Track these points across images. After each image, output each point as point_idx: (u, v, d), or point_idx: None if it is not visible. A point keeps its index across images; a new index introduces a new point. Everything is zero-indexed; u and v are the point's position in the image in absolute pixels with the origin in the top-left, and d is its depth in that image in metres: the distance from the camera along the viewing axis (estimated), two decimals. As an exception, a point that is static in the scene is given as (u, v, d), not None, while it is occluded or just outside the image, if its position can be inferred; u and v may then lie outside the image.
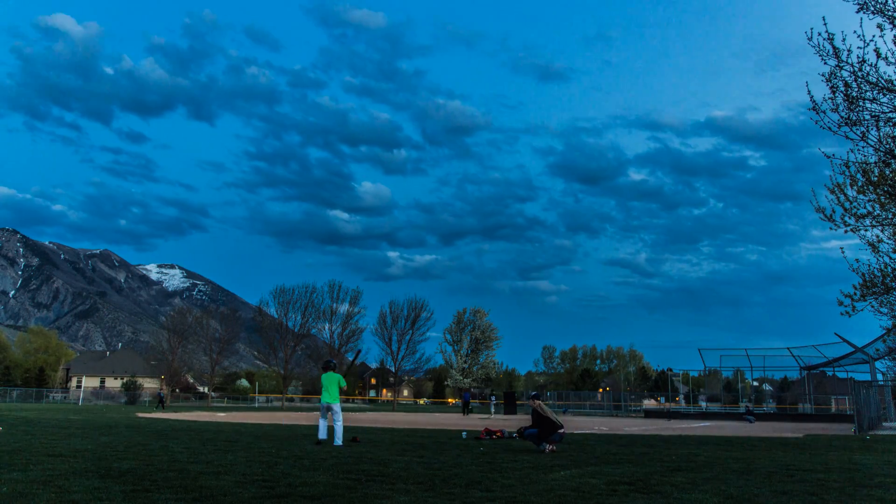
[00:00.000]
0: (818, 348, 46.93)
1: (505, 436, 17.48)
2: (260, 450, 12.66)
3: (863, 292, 13.07)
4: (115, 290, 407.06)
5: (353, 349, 70.94)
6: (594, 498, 7.37)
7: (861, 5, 10.30)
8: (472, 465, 10.65)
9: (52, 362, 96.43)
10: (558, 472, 9.82)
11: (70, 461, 10.02)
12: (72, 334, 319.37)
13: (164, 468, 9.31)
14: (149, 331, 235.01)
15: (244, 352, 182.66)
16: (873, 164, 11.63)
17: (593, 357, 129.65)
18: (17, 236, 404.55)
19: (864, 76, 10.28)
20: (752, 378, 77.81)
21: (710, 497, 7.50)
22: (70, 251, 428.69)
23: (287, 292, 70.40)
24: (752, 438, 19.95)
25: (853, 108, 10.64)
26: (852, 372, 46.55)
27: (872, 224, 12.29)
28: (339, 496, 7.16)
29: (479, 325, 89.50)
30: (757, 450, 14.95)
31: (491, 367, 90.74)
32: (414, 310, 73.42)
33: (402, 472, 9.42)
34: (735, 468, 10.72)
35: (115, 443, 13.89)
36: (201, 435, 17.13)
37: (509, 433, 17.68)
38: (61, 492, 7.01)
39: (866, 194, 12.00)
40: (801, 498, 7.62)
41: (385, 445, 14.47)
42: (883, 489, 8.50)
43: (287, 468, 9.64)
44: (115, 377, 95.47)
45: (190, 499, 6.81)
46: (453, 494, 7.43)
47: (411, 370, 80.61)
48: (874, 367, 40.48)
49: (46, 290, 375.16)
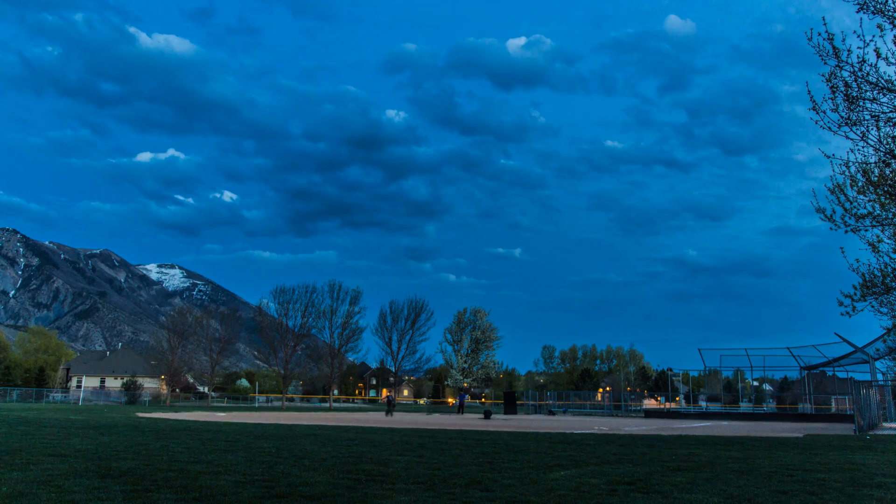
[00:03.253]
0: (818, 348, 46.91)
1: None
2: (260, 450, 12.66)
3: (863, 292, 13.06)
4: (115, 290, 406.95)
5: (353, 349, 71.32)
6: (594, 498, 7.37)
7: (861, 5, 10.29)
8: (472, 465, 10.65)
9: (52, 362, 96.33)
10: (558, 472, 9.81)
11: (70, 461, 10.02)
12: (72, 334, 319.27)
13: (164, 468, 9.30)
14: (149, 331, 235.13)
15: (244, 352, 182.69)
16: (873, 164, 11.62)
17: (593, 357, 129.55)
18: (17, 236, 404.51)
19: (864, 76, 10.27)
20: (752, 378, 77.84)
21: (710, 497, 7.50)
22: (70, 251, 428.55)
23: (287, 292, 70.47)
24: (752, 438, 19.94)
25: (853, 108, 10.64)
26: (852, 372, 46.59)
27: (872, 224, 12.28)
28: (339, 496, 7.16)
29: (480, 325, 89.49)
30: (757, 450, 14.94)
31: (491, 367, 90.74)
32: (414, 310, 73.50)
33: (403, 471, 9.42)
34: (735, 468, 10.72)
35: (115, 443, 13.89)
36: (201, 435, 17.12)
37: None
38: (61, 492, 7.01)
39: (866, 194, 11.99)
40: (801, 498, 7.61)
41: (385, 445, 14.47)
42: (883, 489, 8.50)
43: (287, 468, 9.64)
44: (115, 377, 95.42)
45: (190, 499, 6.81)
46: (453, 494, 7.43)
47: (411, 370, 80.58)
48: (874, 367, 40.48)
49: (46, 290, 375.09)
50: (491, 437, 18.60)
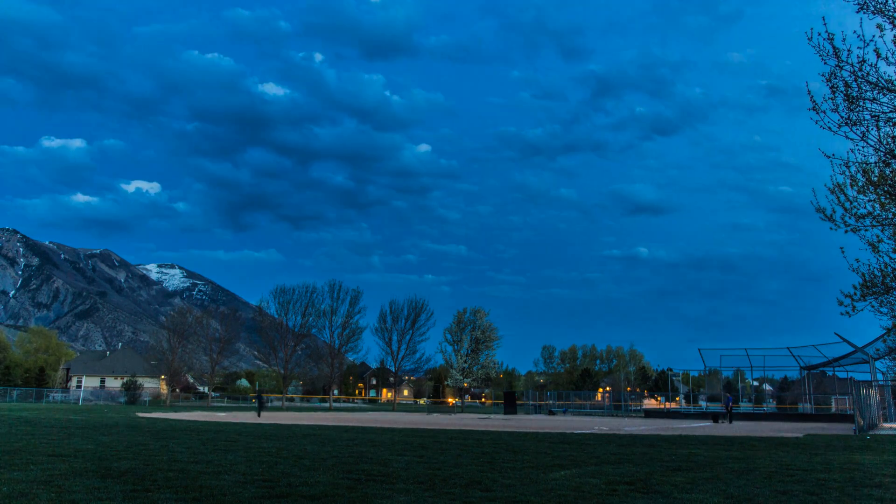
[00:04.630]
0: (818, 348, 46.89)
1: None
2: (260, 450, 12.66)
3: (863, 292, 13.05)
4: (115, 290, 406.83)
5: (353, 349, 71.35)
6: (594, 498, 7.36)
7: (861, 5, 10.29)
8: (472, 464, 10.65)
9: (52, 362, 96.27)
10: (558, 472, 9.81)
11: (70, 461, 10.02)
12: (72, 334, 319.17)
13: (164, 468, 9.30)
14: (149, 331, 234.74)
15: (244, 352, 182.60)
16: (873, 164, 11.62)
17: (593, 357, 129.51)
18: (17, 236, 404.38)
19: (864, 76, 10.27)
20: (752, 378, 77.84)
21: (710, 497, 7.50)
22: (70, 251, 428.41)
23: (287, 292, 70.55)
24: (752, 438, 19.94)
25: (853, 108, 10.64)
26: (852, 372, 46.57)
27: (872, 224, 12.28)
28: (339, 496, 7.16)
29: (480, 325, 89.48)
30: (757, 450, 14.94)
31: (491, 367, 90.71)
32: (414, 310, 73.45)
33: (402, 471, 9.42)
34: (735, 468, 10.72)
35: (115, 443, 13.89)
36: (201, 435, 17.12)
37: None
38: (61, 492, 7.01)
39: (866, 194, 11.98)
40: (801, 498, 7.61)
41: (385, 445, 14.47)
42: (883, 489, 8.50)
43: (287, 468, 9.64)
44: (115, 377, 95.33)
45: (190, 499, 6.81)
46: (453, 494, 7.43)
47: (411, 370, 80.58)
48: (874, 366, 40.46)
49: (46, 290, 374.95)
50: (491, 437, 18.60)
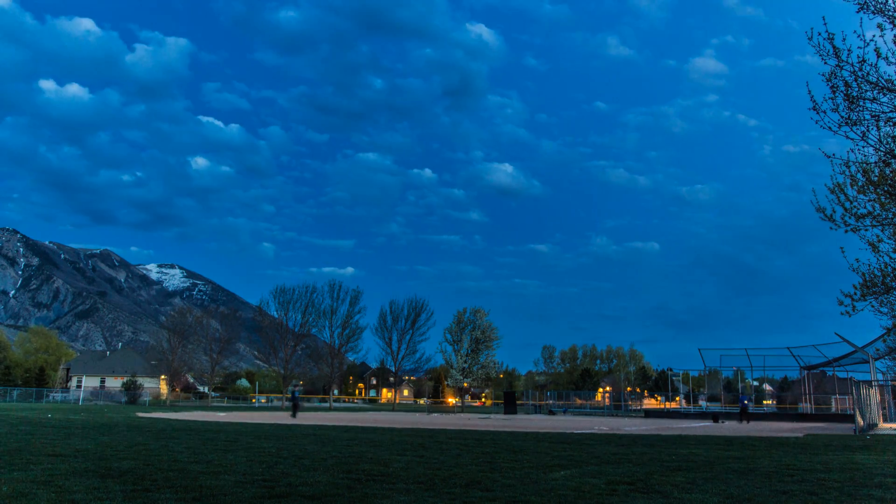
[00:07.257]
0: (818, 348, 46.90)
1: None
2: (260, 450, 12.66)
3: (863, 292, 13.05)
4: (115, 290, 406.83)
5: (353, 349, 71.37)
6: (594, 498, 7.36)
7: (861, 5, 10.29)
8: (472, 464, 10.65)
9: (52, 362, 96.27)
10: (558, 472, 9.81)
11: (70, 461, 10.02)
12: (72, 334, 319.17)
13: (164, 468, 9.30)
14: (149, 331, 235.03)
15: (244, 352, 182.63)
16: (873, 164, 11.62)
17: (593, 357, 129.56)
18: (17, 236, 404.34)
19: (864, 76, 10.27)
20: (752, 378, 77.83)
21: (710, 497, 7.50)
22: (70, 251, 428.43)
23: (287, 292, 70.60)
24: (752, 438, 19.94)
25: (853, 107, 10.63)
26: (852, 372, 46.56)
27: (872, 224, 12.28)
28: (339, 496, 7.16)
29: (479, 325, 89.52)
30: (757, 450, 14.94)
31: (491, 367, 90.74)
32: (414, 310, 73.48)
33: (402, 471, 9.42)
34: (735, 468, 10.72)
35: (115, 443, 13.89)
36: (201, 435, 17.12)
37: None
38: (61, 492, 7.00)
39: (866, 194, 11.98)
40: (801, 498, 7.61)
41: (385, 445, 14.47)
42: (883, 489, 8.50)
43: (287, 468, 9.64)
44: (115, 377, 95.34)
45: (190, 499, 6.81)
46: (453, 494, 7.43)
47: (411, 370, 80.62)
48: (874, 366, 40.46)
49: (46, 290, 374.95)
50: (491, 437, 18.60)
